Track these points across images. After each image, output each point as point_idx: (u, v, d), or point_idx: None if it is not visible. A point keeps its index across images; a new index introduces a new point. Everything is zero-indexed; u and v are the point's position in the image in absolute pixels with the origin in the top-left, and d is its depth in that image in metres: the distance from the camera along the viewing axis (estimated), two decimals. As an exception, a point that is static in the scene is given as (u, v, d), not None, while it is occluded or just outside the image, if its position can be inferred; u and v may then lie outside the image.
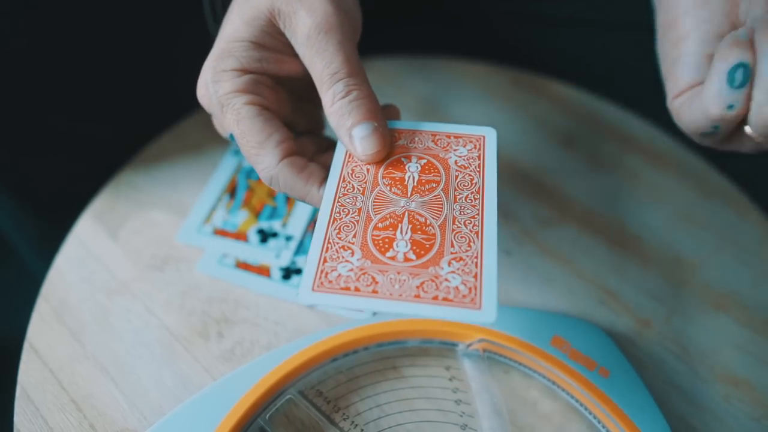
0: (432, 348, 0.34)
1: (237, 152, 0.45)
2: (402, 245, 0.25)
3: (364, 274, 0.24)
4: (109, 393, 0.33)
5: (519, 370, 0.33)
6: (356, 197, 0.27)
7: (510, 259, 0.39)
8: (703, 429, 0.32)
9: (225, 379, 0.31)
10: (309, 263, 0.24)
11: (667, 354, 0.35)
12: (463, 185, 0.27)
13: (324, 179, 0.28)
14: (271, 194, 0.43)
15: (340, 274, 0.24)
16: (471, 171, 0.27)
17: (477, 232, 0.25)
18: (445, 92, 0.50)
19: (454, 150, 0.28)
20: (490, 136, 0.29)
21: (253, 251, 0.39)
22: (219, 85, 0.28)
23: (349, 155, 0.28)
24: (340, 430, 0.32)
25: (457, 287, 0.23)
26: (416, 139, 0.29)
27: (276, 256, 0.39)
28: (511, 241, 0.40)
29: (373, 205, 0.26)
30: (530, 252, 0.40)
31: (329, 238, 0.25)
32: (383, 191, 0.27)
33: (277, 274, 0.38)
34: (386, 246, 0.25)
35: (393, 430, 0.31)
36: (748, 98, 0.24)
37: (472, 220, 0.25)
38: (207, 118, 0.48)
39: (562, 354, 0.32)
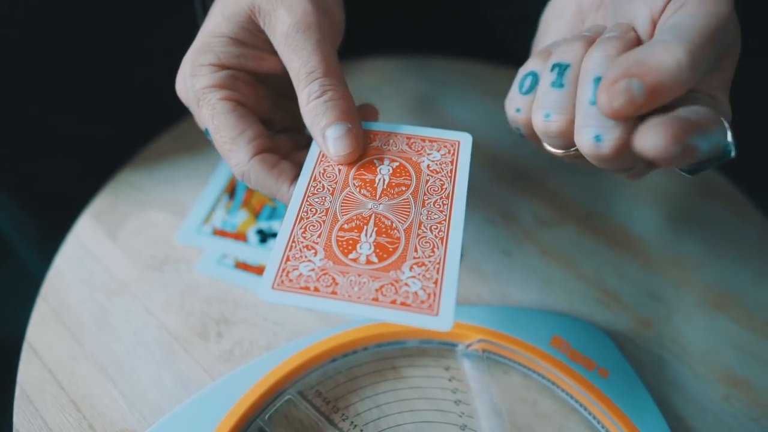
0: (431, 348, 0.34)
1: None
2: (365, 247, 0.25)
3: (325, 274, 0.24)
4: (108, 393, 0.33)
5: (518, 370, 0.33)
6: (325, 197, 0.27)
7: (510, 259, 0.39)
8: (702, 429, 0.32)
9: (224, 379, 0.31)
10: (271, 261, 0.24)
11: (666, 354, 0.35)
12: (433, 190, 0.27)
13: (295, 177, 0.28)
14: (271, 194, 0.43)
15: (301, 274, 0.24)
16: (442, 176, 0.27)
17: (442, 238, 0.25)
18: (445, 92, 0.50)
19: (428, 154, 0.28)
20: (465, 141, 0.29)
21: (253, 251, 0.39)
22: (196, 79, 0.29)
23: (323, 155, 0.28)
24: (340, 430, 0.32)
25: (416, 292, 0.23)
26: (391, 141, 0.29)
27: (275, 256, 0.39)
28: (510, 241, 0.40)
29: (341, 206, 0.26)
30: (530, 252, 0.40)
31: (294, 237, 0.25)
32: (352, 192, 0.27)
33: (276, 274, 0.38)
34: (350, 248, 0.25)
35: (392, 430, 0.31)
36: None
37: (439, 225, 0.25)
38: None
39: (562, 354, 0.32)
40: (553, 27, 0.30)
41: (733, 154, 0.22)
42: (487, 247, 0.40)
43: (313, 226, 0.25)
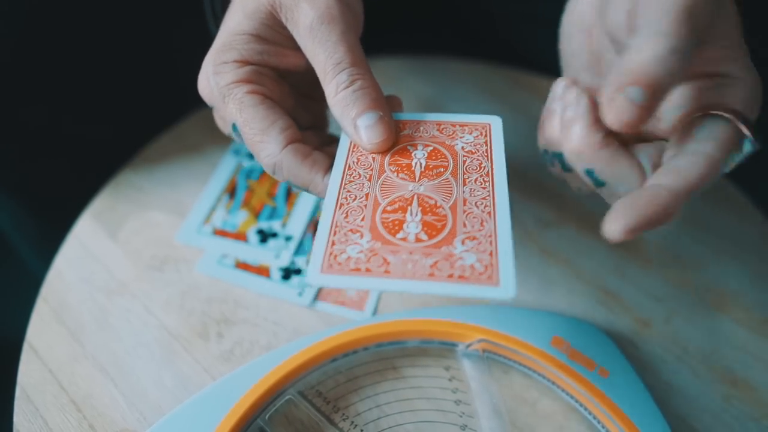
0: (431, 348, 0.34)
1: (237, 152, 0.45)
2: (413, 226, 0.24)
3: (374, 255, 0.23)
4: (108, 393, 0.33)
5: (519, 370, 0.33)
6: (363, 183, 0.26)
7: (510, 259, 0.39)
8: (703, 429, 0.32)
9: (224, 379, 0.31)
10: (317, 246, 0.23)
11: (667, 354, 0.35)
12: (472, 169, 0.26)
13: (329, 167, 0.27)
14: (271, 194, 0.43)
15: (349, 257, 0.23)
16: (479, 156, 0.27)
17: (489, 213, 0.24)
18: (446, 92, 0.50)
19: (460, 137, 0.28)
20: (495, 124, 0.29)
21: (253, 251, 0.39)
22: (220, 76, 0.28)
23: (354, 145, 0.28)
24: (340, 430, 0.32)
25: (472, 265, 0.22)
26: (421, 128, 0.29)
27: (276, 256, 0.39)
28: (510, 241, 0.40)
29: (381, 190, 0.26)
30: (530, 253, 0.40)
31: (336, 222, 0.24)
32: (390, 177, 0.26)
33: (276, 274, 0.38)
34: (396, 228, 0.24)
35: (392, 430, 0.31)
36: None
37: (483, 201, 0.25)
38: (207, 118, 0.48)
39: (562, 354, 0.32)
40: (577, 40, 0.29)
41: (756, 148, 0.24)
42: (487, 247, 0.40)
43: (355, 211, 0.25)
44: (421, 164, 0.27)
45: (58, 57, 0.42)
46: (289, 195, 0.42)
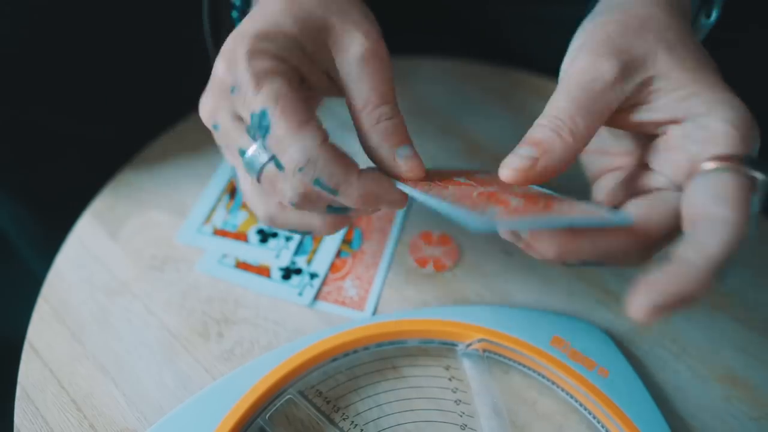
0: (431, 348, 0.34)
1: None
2: (513, 200, 0.24)
3: (535, 204, 0.24)
4: (109, 393, 0.33)
5: (518, 370, 0.34)
6: (439, 191, 0.26)
7: (510, 259, 0.39)
8: (702, 429, 0.32)
9: (225, 379, 0.31)
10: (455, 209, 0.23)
11: (666, 354, 0.35)
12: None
13: (359, 170, 0.27)
14: (271, 194, 0.43)
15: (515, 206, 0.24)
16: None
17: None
18: (446, 93, 0.50)
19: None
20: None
21: (253, 251, 0.39)
22: (258, 60, 0.26)
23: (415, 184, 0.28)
24: (340, 430, 0.32)
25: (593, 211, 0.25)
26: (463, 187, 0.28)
27: (276, 256, 0.39)
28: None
29: (456, 195, 0.25)
30: (530, 252, 0.40)
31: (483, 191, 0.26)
32: (456, 185, 0.27)
33: (276, 274, 0.38)
34: (493, 200, 0.24)
35: (392, 429, 0.31)
36: None
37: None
38: (207, 118, 0.48)
39: (562, 354, 0.32)
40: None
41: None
42: (487, 247, 0.40)
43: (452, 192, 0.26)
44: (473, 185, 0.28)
45: (58, 57, 0.42)
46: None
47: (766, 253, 0.40)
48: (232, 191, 0.43)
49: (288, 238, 0.40)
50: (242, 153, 0.28)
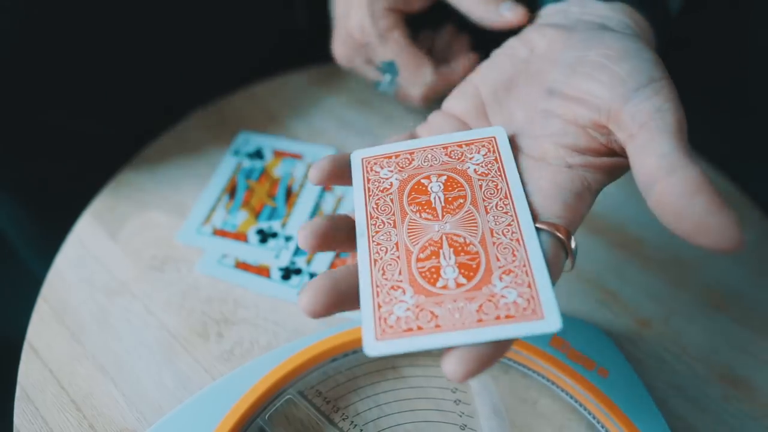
0: (431, 348, 0.34)
1: (237, 152, 0.45)
2: (449, 271, 0.23)
3: (421, 310, 0.22)
4: (108, 393, 0.33)
5: (518, 369, 0.33)
6: (389, 232, 0.25)
7: (510, 259, 0.39)
8: (702, 429, 0.32)
9: (224, 379, 0.31)
10: (364, 312, 0.23)
11: (666, 354, 0.35)
12: (490, 194, 0.25)
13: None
14: (271, 195, 0.43)
15: (398, 317, 0.22)
16: (493, 177, 0.26)
17: (518, 239, 0.24)
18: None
19: (470, 158, 0.27)
20: (500, 135, 0.28)
21: (253, 251, 0.39)
22: (380, 21, 0.38)
23: (368, 189, 0.27)
24: (340, 430, 0.32)
25: (515, 302, 0.22)
26: (429, 156, 0.28)
27: (275, 256, 0.39)
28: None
29: (409, 236, 0.25)
30: (530, 252, 0.40)
31: (376, 282, 0.24)
32: (414, 219, 0.25)
33: (276, 274, 0.38)
34: (434, 276, 0.23)
35: (392, 430, 0.31)
36: None
37: (509, 227, 0.24)
38: (208, 118, 0.48)
39: (562, 354, 0.32)
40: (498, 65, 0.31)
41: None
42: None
43: (390, 265, 0.24)
44: (440, 198, 0.26)
45: (59, 56, 0.42)
46: (290, 195, 0.43)
47: (766, 253, 0.40)
48: (232, 191, 0.43)
49: (288, 239, 0.40)
50: (377, 84, 0.43)
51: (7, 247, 0.56)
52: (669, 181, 0.21)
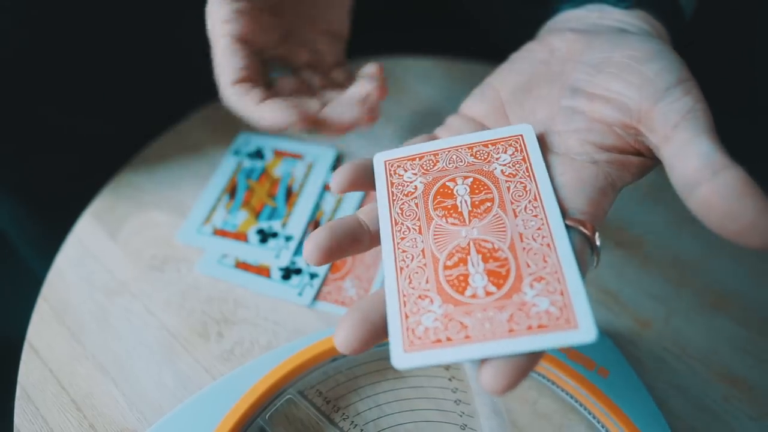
0: (431, 348, 0.34)
1: (237, 152, 0.45)
2: (478, 279, 0.22)
3: (450, 321, 0.22)
4: (108, 393, 0.33)
5: (518, 370, 0.33)
6: (415, 239, 0.24)
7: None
8: (702, 429, 0.32)
9: (225, 379, 0.31)
10: (392, 323, 0.22)
11: (666, 354, 0.35)
12: (518, 195, 0.24)
13: (262, 99, 0.32)
14: (271, 194, 0.43)
15: (427, 328, 0.22)
16: (521, 177, 0.25)
17: (549, 244, 0.22)
18: (447, 93, 0.50)
19: (496, 159, 0.26)
20: (527, 133, 0.26)
21: (253, 251, 0.39)
22: (212, 16, 0.34)
23: (392, 194, 0.26)
24: (340, 430, 0.32)
25: (547, 311, 0.21)
26: (454, 157, 0.27)
27: (276, 256, 0.39)
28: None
29: (435, 243, 0.24)
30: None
31: (403, 291, 0.23)
32: (440, 225, 0.24)
33: (276, 274, 0.38)
34: (462, 284, 0.22)
35: (392, 430, 0.31)
36: None
37: (539, 232, 0.23)
38: (208, 118, 0.48)
39: (562, 354, 0.32)
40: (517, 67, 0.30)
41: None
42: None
43: (416, 273, 0.23)
44: (466, 202, 0.25)
45: (59, 55, 0.42)
46: (290, 195, 0.43)
47: (766, 253, 0.40)
48: (232, 191, 0.43)
49: (288, 239, 0.40)
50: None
51: (7, 247, 0.56)
52: (715, 182, 0.21)
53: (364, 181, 0.26)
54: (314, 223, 0.41)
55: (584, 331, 0.20)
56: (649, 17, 0.28)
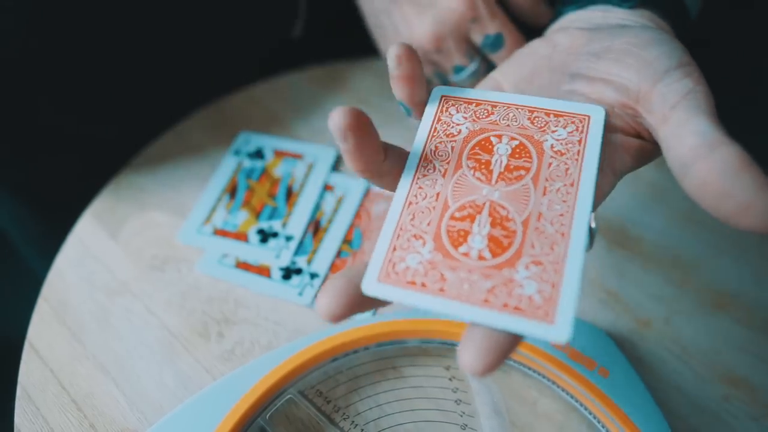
0: (432, 348, 0.34)
1: (237, 152, 0.45)
2: (477, 241, 0.22)
3: (433, 269, 0.21)
4: (109, 393, 0.33)
5: (519, 369, 0.34)
6: (436, 179, 0.23)
7: (510, 259, 0.39)
8: (703, 429, 0.32)
9: (225, 379, 0.31)
10: (377, 250, 0.22)
11: (667, 354, 0.35)
12: (556, 175, 0.23)
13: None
14: (271, 194, 0.43)
15: (408, 267, 0.21)
16: (568, 159, 0.23)
17: (563, 233, 0.21)
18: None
19: (552, 131, 0.24)
20: (596, 116, 0.24)
21: (253, 251, 0.39)
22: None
23: (435, 129, 0.25)
24: (340, 429, 0.32)
25: (531, 296, 0.20)
26: (511, 115, 0.25)
27: (276, 256, 0.39)
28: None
29: (453, 191, 0.23)
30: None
31: (401, 225, 0.22)
32: (466, 175, 0.23)
33: (277, 274, 0.38)
34: (461, 239, 0.22)
35: (393, 429, 0.31)
36: None
37: (560, 218, 0.22)
38: (208, 118, 0.48)
39: (562, 354, 0.32)
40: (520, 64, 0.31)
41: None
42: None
43: (422, 212, 0.23)
44: (501, 162, 0.24)
45: (60, 56, 0.42)
46: (290, 195, 0.43)
47: (766, 253, 0.40)
48: (233, 191, 0.43)
49: (288, 238, 0.40)
50: (458, 69, 0.39)
51: (8, 247, 0.56)
52: (711, 159, 0.20)
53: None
54: (314, 223, 0.41)
55: (558, 330, 0.19)
56: (654, 17, 0.28)
